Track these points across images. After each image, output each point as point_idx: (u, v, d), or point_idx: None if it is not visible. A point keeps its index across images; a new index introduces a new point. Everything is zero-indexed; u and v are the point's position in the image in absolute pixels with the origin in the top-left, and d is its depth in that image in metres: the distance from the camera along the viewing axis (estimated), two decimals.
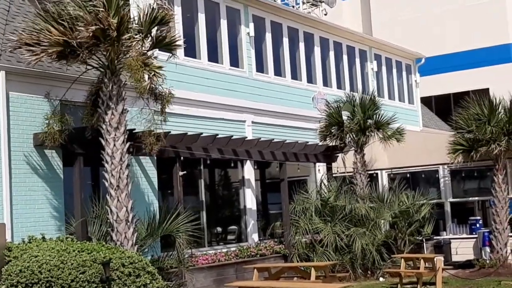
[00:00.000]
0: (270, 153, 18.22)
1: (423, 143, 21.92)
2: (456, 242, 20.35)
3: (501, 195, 19.03)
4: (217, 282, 15.90)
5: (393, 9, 37.53)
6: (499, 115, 19.12)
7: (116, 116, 12.37)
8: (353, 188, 19.99)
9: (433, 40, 35.18)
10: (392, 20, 37.14)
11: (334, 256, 17.87)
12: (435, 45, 34.90)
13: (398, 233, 19.56)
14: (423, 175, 22.23)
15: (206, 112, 17.81)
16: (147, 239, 13.38)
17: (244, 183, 19.09)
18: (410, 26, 36.51)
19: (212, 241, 18.06)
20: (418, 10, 36.85)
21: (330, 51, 23.95)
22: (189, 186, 17.10)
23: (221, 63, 18.89)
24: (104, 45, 12.07)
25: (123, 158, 12.29)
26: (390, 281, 17.49)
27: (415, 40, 33.35)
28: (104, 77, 12.56)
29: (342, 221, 18.53)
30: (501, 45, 34.81)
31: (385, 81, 27.19)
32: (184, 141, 15.25)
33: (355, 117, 20.27)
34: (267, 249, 18.01)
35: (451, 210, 21.39)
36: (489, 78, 34.10)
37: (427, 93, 33.72)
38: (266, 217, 20.36)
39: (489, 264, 18.60)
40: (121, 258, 10.20)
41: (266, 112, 20.02)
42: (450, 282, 16.60)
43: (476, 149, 19.18)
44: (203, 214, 17.45)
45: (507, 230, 19.00)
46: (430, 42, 34.65)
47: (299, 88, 21.99)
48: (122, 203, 12.16)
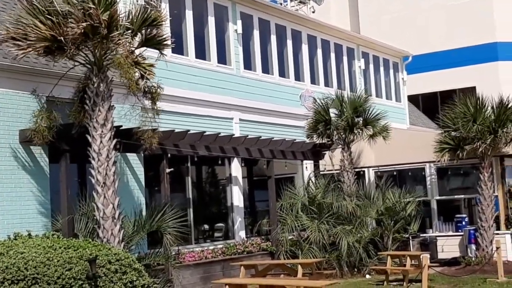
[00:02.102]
0: (257, 150, 18.23)
1: (409, 141, 22.01)
2: (442, 240, 20.45)
3: (487, 193, 19.13)
4: (204, 279, 15.90)
5: (381, 7, 37.66)
6: (485, 114, 19.22)
7: (103, 113, 12.33)
8: (340, 185, 20.04)
9: (420, 39, 35.33)
10: (379, 18, 37.27)
11: (321, 253, 17.92)
12: (422, 43, 35.06)
13: (385, 231, 19.64)
14: (410, 173, 22.31)
15: (194, 109, 17.80)
16: (133, 236, 13.35)
17: (231, 180, 19.10)
18: (398, 24, 36.66)
19: (199, 238, 18.06)
20: (406, 8, 37.00)
21: (318, 48, 23.98)
22: (176, 183, 17.08)
23: (209, 60, 18.88)
24: (92, 42, 12.03)
25: (109, 155, 12.26)
26: (377, 278, 17.56)
27: (402, 38, 33.51)
28: (91, 74, 12.51)
29: (329, 218, 18.57)
30: (487, 43, 35.01)
31: (372, 79, 27.27)
32: (171, 138, 15.23)
33: (343, 114, 20.32)
34: (254, 246, 18.02)
35: (437, 207, 21.49)
36: (476, 76, 34.30)
37: (414, 91, 33.87)
38: (253, 215, 20.38)
39: (474, 262, 18.71)
40: (108, 255, 10.15)
41: (253, 109, 20.03)
42: (436, 279, 16.67)
43: (462, 147, 19.28)
44: (190, 211, 17.44)
45: (492, 228, 19.11)
46: (418, 40, 34.80)
47: (286, 85, 22.02)
48: (109, 200, 12.13)
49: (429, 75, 35.76)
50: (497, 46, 35.08)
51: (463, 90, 26.44)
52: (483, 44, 35.04)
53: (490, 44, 35.04)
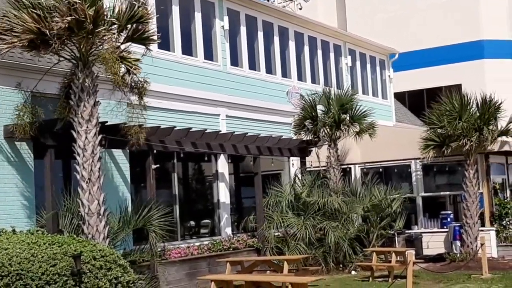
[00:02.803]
0: (244, 147, 18.22)
1: (396, 138, 22.09)
2: (427, 236, 20.55)
3: (472, 189, 19.24)
4: (190, 276, 15.88)
5: (368, 4, 37.73)
6: (470, 111, 19.32)
7: (88, 109, 12.26)
8: (327, 182, 20.08)
9: (407, 36, 35.43)
10: (366, 15, 37.34)
11: (307, 249, 17.97)
12: (409, 41, 35.15)
13: (370, 227, 19.70)
14: (396, 169, 22.40)
15: (180, 105, 17.74)
16: (119, 232, 13.32)
17: (217, 177, 19.07)
18: (385, 21, 36.75)
19: (185, 234, 18.03)
20: (393, 6, 37.08)
21: (305, 45, 23.99)
22: (162, 180, 17.04)
23: (195, 56, 18.84)
24: (77, 37, 11.96)
25: (95, 150, 12.20)
26: (362, 275, 17.62)
27: (389, 36, 33.58)
28: (76, 69, 12.43)
29: (315, 215, 18.62)
30: (473, 41, 35.18)
31: (359, 76, 27.32)
32: (157, 134, 15.19)
33: (330, 111, 20.35)
34: (240, 243, 18.02)
35: (423, 204, 21.60)
36: (462, 74, 34.45)
37: (400, 88, 33.98)
38: (239, 211, 20.38)
39: (459, 258, 18.82)
40: (93, 251, 10.12)
41: (240, 106, 20.01)
42: (421, 276, 16.76)
43: (447, 145, 19.38)
44: (176, 207, 17.40)
45: (477, 224, 19.23)
46: (404, 38, 34.90)
47: (273, 82, 22.02)
48: (94, 196, 12.07)
49: (415, 73, 35.88)
50: (483, 44, 35.26)
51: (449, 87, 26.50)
52: (469, 42, 35.20)
53: (476, 42, 35.20)
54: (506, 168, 22.49)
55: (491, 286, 14.90)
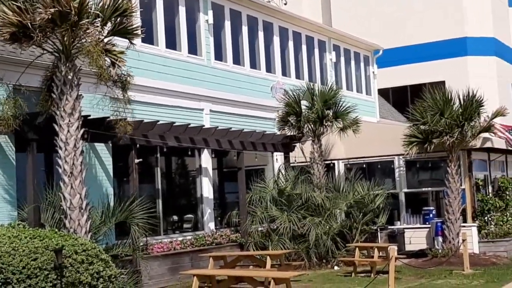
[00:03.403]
0: (227, 142, 18.20)
1: (379, 134, 22.15)
2: (410, 232, 20.64)
3: (454, 186, 19.34)
4: (172, 270, 15.85)
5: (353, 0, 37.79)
6: (453, 108, 19.40)
7: (71, 102, 12.18)
8: (310, 177, 20.11)
9: (391, 32, 35.54)
10: (351, 11, 37.41)
11: (290, 245, 18.00)
12: (393, 37, 35.27)
13: (353, 223, 19.75)
14: (379, 165, 22.46)
15: (163, 99, 17.69)
16: (101, 226, 13.25)
17: (201, 171, 19.04)
18: (369, 17, 36.84)
19: (168, 229, 17.99)
20: (378, 2, 37.18)
21: (289, 40, 23.99)
22: (145, 174, 16.99)
23: (179, 51, 18.77)
24: (60, 30, 11.86)
25: (77, 144, 12.13)
26: (345, 270, 17.68)
27: (373, 32, 33.68)
28: (59, 62, 12.35)
29: (298, 210, 18.64)
30: (457, 38, 35.38)
31: (343, 72, 27.37)
32: (140, 128, 15.12)
33: (314, 107, 20.37)
34: (223, 238, 18.01)
35: (406, 200, 21.67)
36: (445, 71, 34.66)
37: (384, 84, 34.08)
38: (223, 206, 20.36)
39: (441, 254, 18.92)
40: (74, 245, 10.07)
41: (224, 100, 19.98)
42: (403, 271, 16.84)
43: (430, 141, 19.46)
44: (159, 202, 17.35)
45: (459, 221, 19.33)
46: (389, 34, 35.00)
47: (258, 77, 22.00)
48: (76, 190, 12.01)
49: (399, 69, 36.03)
50: (467, 41, 35.46)
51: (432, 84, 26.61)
52: (453, 39, 35.39)
53: (460, 39, 35.40)
54: (488, 164, 22.63)
55: (472, 282, 15.00)
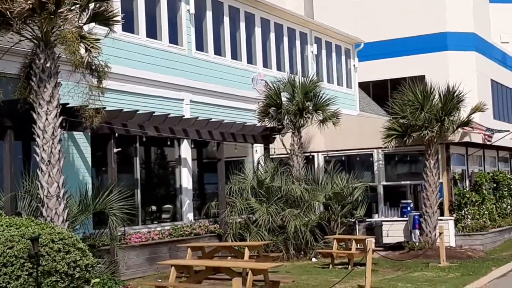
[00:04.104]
0: (207, 132, 18.16)
1: (359, 127, 22.23)
2: (388, 225, 20.76)
3: (432, 179, 19.46)
4: (150, 261, 15.82)
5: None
6: (432, 102, 19.50)
7: (49, 90, 12.07)
8: (289, 169, 20.14)
9: (372, 26, 35.62)
10: (333, 4, 37.42)
11: (268, 236, 18.03)
12: (374, 31, 35.36)
13: (332, 215, 19.82)
14: (358, 158, 22.54)
15: (143, 89, 17.60)
16: (78, 216, 13.17)
17: (180, 162, 18.99)
18: (351, 11, 36.87)
19: (146, 219, 17.93)
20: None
21: (271, 32, 23.96)
22: (124, 164, 16.91)
23: (160, 40, 18.67)
24: (39, 17, 11.74)
25: (55, 132, 12.03)
26: (322, 262, 17.75)
27: (355, 25, 33.72)
28: (38, 49, 12.23)
29: (277, 202, 18.68)
30: (438, 33, 35.56)
31: (324, 64, 27.40)
32: (119, 117, 15.03)
33: (294, 99, 20.38)
34: (201, 229, 17.99)
35: (384, 193, 21.79)
36: (426, 65, 34.83)
37: (365, 78, 34.19)
38: (202, 197, 20.34)
39: (418, 247, 19.06)
40: (51, 234, 9.99)
41: (204, 91, 19.92)
42: (380, 263, 16.95)
43: (409, 135, 19.56)
44: (138, 192, 17.29)
45: (436, 214, 19.47)
46: (370, 28, 35.07)
47: (239, 68, 21.96)
48: (53, 178, 11.92)
49: (380, 63, 36.15)
50: (447, 36, 35.65)
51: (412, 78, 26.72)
52: (433, 34, 35.57)
53: (440, 34, 35.58)
54: (466, 159, 22.81)
55: (448, 275, 15.14)
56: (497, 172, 24.39)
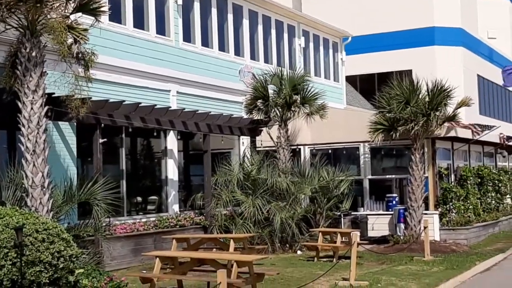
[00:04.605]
0: (194, 124, 18.11)
1: (345, 121, 22.27)
2: (373, 218, 20.83)
3: (418, 173, 19.53)
4: (135, 252, 15.78)
5: None
6: (419, 96, 19.55)
7: (35, 79, 11.99)
8: (276, 162, 20.14)
9: (360, 20, 35.63)
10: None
11: (254, 229, 18.04)
12: (362, 25, 35.37)
13: (317, 208, 19.87)
14: (344, 151, 22.57)
15: (130, 79, 17.52)
16: (63, 206, 13.10)
17: (166, 153, 18.94)
18: (339, 4, 36.86)
19: (132, 210, 17.88)
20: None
21: (259, 24, 23.91)
22: (109, 154, 16.84)
23: (147, 30, 18.58)
24: (25, 6, 11.63)
25: (40, 122, 11.95)
26: (308, 254, 17.79)
27: (342, 19, 33.70)
28: (24, 38, 12.13)
29: (263, 194, 18.68)
30: (425, 28, 35.63)
31: (312, 57, 27.40)
32: (105, 108, 14.96)
33: (281, 91, 20.37)
34: (187, 220, 17.97)
35: (370, 187, 21.86)
36: (413, 60, 34.91)
37: (352, 72, 34.21)
38: (187, 189, 20.30)
39: (403, 240, 19.14)
40: (35, 224, 9.92)
41: (191, 82, 19.86)
42: (365, 257, 17.02)
43: (395, 128, 19.60)
44: (123, 183, 17.22)
45: (421, 208, 19.54)
46: (357, 22, 35.08)
47: (226, 60, 21.90)
48: (38, 168, 11.85)
49: (367, 57, 36.19)
50: (434, 30, 35.74)
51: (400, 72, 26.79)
52: (421, 28, 35.64)
53: (428, 29, 35.66)
54: (451, 153, 22.92)
55: (432, 268, 15.22)
56: (482, 167, 24.54)
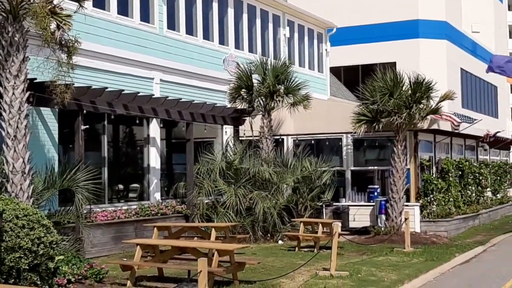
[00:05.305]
0: (177, 112, 18.05)
1: (329, 112, 22.31)
2: (354, 209, 20.91)
3: (400, 165, 19.61)
4: (116, 239, 15.73)
5: None
6: (402, 89, 19.61)
7: (17, 64, 11.86)
8: (259, 152, 20.14)
9: (345, 11, 35.66)
10: None
11: (236, 218, 18.04)
12: (347, 17, 35.40)
13: (300, 198, 19.91)
14: (327, 142, 22.63)
15: (113, 66, 17.40)
16: (44, 192, 13.02)
17: (149, 141, 18.87)
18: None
19: (113, 198, 17.81)
20: None
21: (244, 13, 23.84)
22: (91, 141, 16.75)
23: (131, 17, 18.46)
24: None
25: (22, 107, 11.84)
26: (289, 244, 17.83)
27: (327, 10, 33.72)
28: (6, 23, 11.98)
29: (245, 184, 18.68)
30: (410, 20, 35.75)
31: (296, 48, 27.38)
32: (88, 94, 14.86)
33: (265, 81, 20.34)
34: (168, 209, 17.93)
35: (352, 178, 21.93)
36: (397, 52, 35.05)
37: (336, 63, 34.28)
38: (170, 177, 20.25)
39: (383, 231, 19.24)
40: (15, 210, 9.86)
41: (175, 70, 19.78)
42: (345, 247, 17.09)
43: (378, 120, 19.66)
44: (105, 170, 17.14)
45: (403, 200, 19.64)
46: (342, 13, 35.11)
47: (210, 48, 21.82)
48: (19, 154, 11.75)
49: (352, 48, 36.24)
50: (419, 23, 35.86)
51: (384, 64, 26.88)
52: (405, 21, 35.74)
53: (412, 21, 35.78)
54: (433, 146, 23.04)
55: (412, 260, 15.31)
56: (463, 160, 24.70)
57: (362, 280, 12.45)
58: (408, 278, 12.83)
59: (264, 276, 12.52)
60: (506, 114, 52.21)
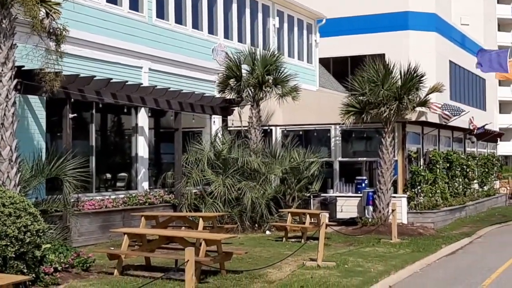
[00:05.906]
0: (165, 101, 18.00)
1: (318, 103, 22.32)
2: (342, 200, 20.97)
3: (388, 157, 19.68)
4: (103, 228, 15.69)
5: None
6: (391, 80, 19.64)
7: (4, 51, 11.80)
8: (247, 142, 20.13)
9: (334, 2, 35.62)
10: None
11: (224, 208, 18.04)
12: (337, 7, 35.36)
13: (287, 189, 19.94)
14: (316, 133, 22.65)
15: (101, 54, 17.31)
16: (31, 180, 12.97)
17: (137, 130, 18.81)
18: None
19: (101, 187, 17.75)
20: None
21: (233, 3, 23.77)
22: (79, 130, 16.68)
23: (120, 6, 18.36)
24: None
25: (9, 95, 11.79)
26: (276, 235, 17.86)
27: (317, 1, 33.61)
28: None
29: (233, 174, 18.67)
30: (399, 12, 35.77)
31: (286, 38, 27.34)
32: (76, 82, 14.78)
33: (254, 71, 20.30)
34: (156, 198, 17.90)
35: (340, 169, 21.98)
36: (386, 43, 35.06)
37: (326, 54, 34.23)
38: (158, 166, 20.21)
39: (371, 223, 19.32)
40: (2, 198, 9.83)
41: (164, 60, 19.71)
42: (333, 238, 17.14)
43: (367, 112, 19.70)
44: (93, 159, 17.08)
45: (390, 191, 19.73)
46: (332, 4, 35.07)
47: (199, 38, 21.75)
48: (6, 141, 11.70)
49: (341, 39, 36.22)
50: (408, 15, 35.89)
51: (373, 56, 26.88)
52: (395, 12, 35.76)
53: (402, 13, 35.80)
54: (421, 137, 23.13)
55: (399, 251, 15.39)
56: (451, 152, 24.81)
57: (349, 270, 12.50)
58: (394, 269, 12.90)
59: (251, 266, 12.55)
60: (494, 107, 52.44)
